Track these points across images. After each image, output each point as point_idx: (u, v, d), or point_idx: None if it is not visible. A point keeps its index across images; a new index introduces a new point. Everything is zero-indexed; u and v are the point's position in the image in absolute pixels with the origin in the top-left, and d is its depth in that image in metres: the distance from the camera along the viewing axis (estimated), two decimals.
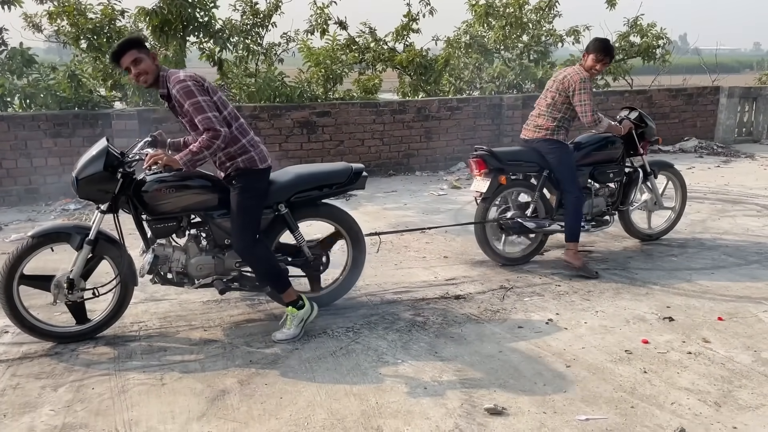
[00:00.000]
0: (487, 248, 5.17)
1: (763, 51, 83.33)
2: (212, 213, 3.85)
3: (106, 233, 3.76)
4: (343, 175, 4.12)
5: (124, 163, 3.64)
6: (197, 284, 3.89)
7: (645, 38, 11.48)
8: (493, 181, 5.02)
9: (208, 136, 3.49)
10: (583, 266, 4.93)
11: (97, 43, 8.39)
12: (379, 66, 10.66)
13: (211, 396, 3.17)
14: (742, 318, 4.09)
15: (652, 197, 5.74)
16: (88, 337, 3.79)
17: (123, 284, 3.78)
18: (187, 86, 3.50)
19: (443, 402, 3.11)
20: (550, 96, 5.03)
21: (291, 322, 3.82)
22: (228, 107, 3.71)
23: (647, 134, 5.54)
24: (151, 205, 3.68)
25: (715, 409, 3.04)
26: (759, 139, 11.71)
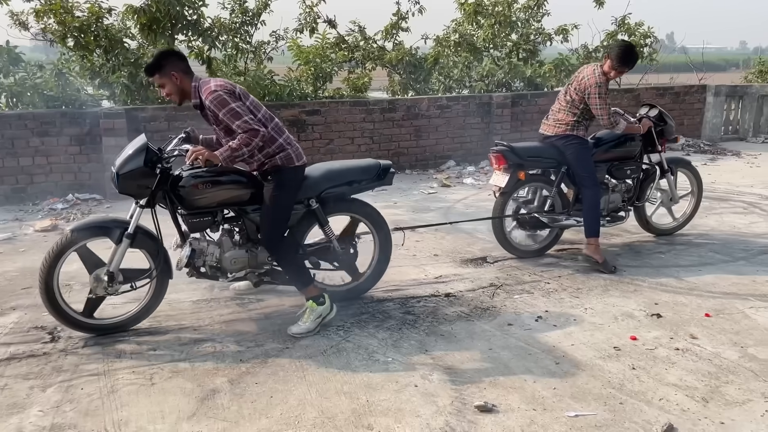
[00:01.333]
0: (504, 241, 5.27)
1: (749, 50, 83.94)
2: (246, 208, 3.94)
3: (144, 228, 3.82)
4: (372, 171, 4.23)
5: (162, 158, 3.72)
6: (231, 278, 4.01)
7: (632, 37, 11.53)
8: (512, 176, 5.10)
9: (247, 134, 3.58)
10: (604, 261, 4.99)
11: (84, 42, 8.31)
12: (368, 64, 10.65)
13: (201, 395, 3.17)
14: (729, 314, 4.13)
15: (668, 193, 5.81)
16: (123, 330, 3.86)
17: (159, 278, 3.85)
18: (219, 96, 3.59)
19: (434, 399, 3.12)
20: (569, 93, 5.07)
21: (309, 317, 3.86)
22: (261, 110, 3.83)
23: (666, 132, 5.60)
24: (189, 199, 3.78)
25: (702, 404, 3.08)
26: (745, 137, 11.82)
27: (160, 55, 3.69)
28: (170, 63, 3.65)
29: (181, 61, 3.71)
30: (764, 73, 13.28)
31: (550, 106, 5.32)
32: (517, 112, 9.82)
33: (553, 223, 5.25)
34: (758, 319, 4.04)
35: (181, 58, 3.74)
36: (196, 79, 3.73)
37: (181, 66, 3.68)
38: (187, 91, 3.72)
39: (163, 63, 3.65)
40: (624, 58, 4.88)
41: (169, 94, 3.73)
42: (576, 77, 5.07)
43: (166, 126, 7.58)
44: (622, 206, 5.50)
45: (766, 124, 11.77)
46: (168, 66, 3.65)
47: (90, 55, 8.48)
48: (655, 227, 5.88)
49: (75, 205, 7.15)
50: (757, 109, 11.79)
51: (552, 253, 5.39)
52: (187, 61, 3.77)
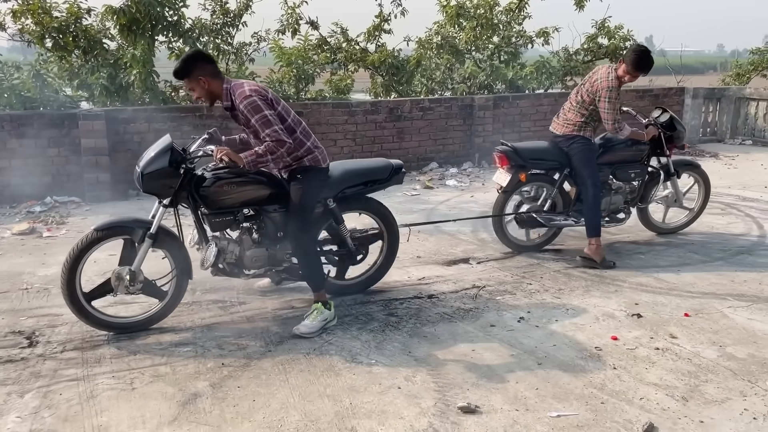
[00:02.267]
0: (503, 236, 5.40)
1: (726, 52, 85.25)
2: (267, 207, 4.01)
3: (166, 228, 3.88)
4: (386, 171, 4.38)
5: (186, 159, 3.78)
6: (251, 274, 4.08)
7: (612, 40, 11.65)
8: (514, 176, 5.20)
9: (274, 143, 3.65)
10: (602, 261, 5.06)
11: (62, 42, 8.21)
12: (351, 66, 10.64)
13: (182, 400, 3.14)
14: (708, 314, 4.18)
15: (673, 194, 5.89)
16: (143, 328, 3.88)
17: (179, 277, 3.88)
18: (254, 101, 3.65)
19: (417, 401, 3.12)
20: (581, 93, 5.11)
21: (316, 317, 3.89)
22: (291, 115, 3.90)
23: (675, 139, 5.66)
24: (212, 200, 3.84)
25: (682, 403, 3.11)
26: (723, 139, 11.99)
27: (187, 59, 3.71)
28: (197, 67, 3.69)
29: (207, 63, 3.73)
30: (741, 76, 13.49)
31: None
32: (499, 114, 9.87)
33: (549, 222, 5.33)
34: (736, 319, 4.09)
35: (207, 60, 3.76)
36: (227, 81, 3.77)
37: (208, 69, 3.71)
38: (218, 93, 3.76)
39: (189, 67, 3.68)
40: (640, 63, 4.87)
41: (199, 98, 3.78)
42: (589, 78, 5.09)
43: (146, 128, 7.51)
44: (623, 207, 5.56)
45: (743, 126, 11.95)
46: (195, 70, 3.68)
47: (68, 56, 8.38)
48: (657, 226, 5.96)
49: (53, 208, 7.05)
50: (734, 111, 11.97)
51: (534, 254, 5.43)
52: (214, 62, 3.80)
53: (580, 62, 11.65)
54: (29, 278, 4.84)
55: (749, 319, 4.09)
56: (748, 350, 3.66)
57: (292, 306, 4.31)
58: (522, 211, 5.42)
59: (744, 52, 17.22)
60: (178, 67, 3.70)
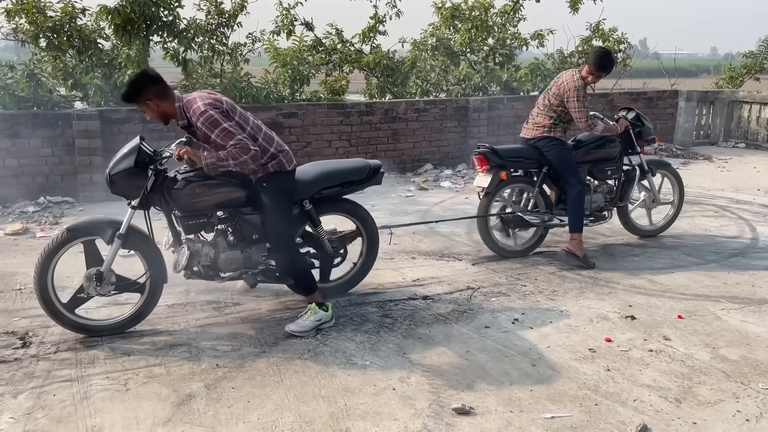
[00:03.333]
0: (489, 241, 5.38)
1: (719, 55, 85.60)
2: (242, 210, 3.98)
3: (137, 228, 3.85)
4: (363, 172, 4.32)
5: (155, 160, 3.74)
6: (226, 277, 4.02)
7: (607, 42, 11.69)
8: (495, 176, 5.21)
9: (238, 149, 3.61)
10: (584, 257, 5.13)
11: (57, 42, 8.15)
12: (346, 67, 10.63)
13: (176, 401, 3.13)
14: (701, 316, 4.20)
15: (650, 194, 5.95)
16: (118, 332, 3.84)
17: (153, 280, 3.85)
18: (210, 116, 3.59)
19: (411, 402, 3.12)
20: (548, 97, 5.25)
21: (310, 316, 3.89)
22: (250, 122, 3.84)
23: (644, 133, 5.78)
24: (185, 202, 3.81)
25: (675, 405, 3.12)
26: (716, 142, 12.04)
27: (131, 84, 3.63)
28: (144, 90, 3.61)
29: (154, 84, 3.62)
30: (734, 79, 13.54)
31: (527, 110, 5.41)
32: (494, 116, 9.89)
33: (538, 222, 5.34)
34: (729, 321, 4.11)
35: (153, 81, 3.63)
36: (179, 99, 3.70)
37: (154, 90, 3.62)
38: (171, 113, 3.71)
39: (135, 91, 3.61)
40: (601, 63, 5.07)
41: (152, 118, 3.75)
42: (555, 82, 5.26)
43: (140, 128, 7.48)
44: (605, 206, 5.61)
45: (736, 129, 12.02)
46: (142, 94, 3.62)
47: (63, 55, 8.33)
48: (638, 229, 5.98)
49: (47, 208, 7.02)
50: (727, 114, 12.03)
51: (529, 256, 5.44)
52: (161, 82, 3.67)
53: (575, 65, 11.67)
54: (23, 279, 4.82)
55: (742, 321, 4.12)
56: (740, 352, 3.68)
57: (287, 307, 4.31)
58: (507, 211, 5.43)
59: (737, 56, 17.33)
60: (124, 92, 3.65)
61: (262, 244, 4.04)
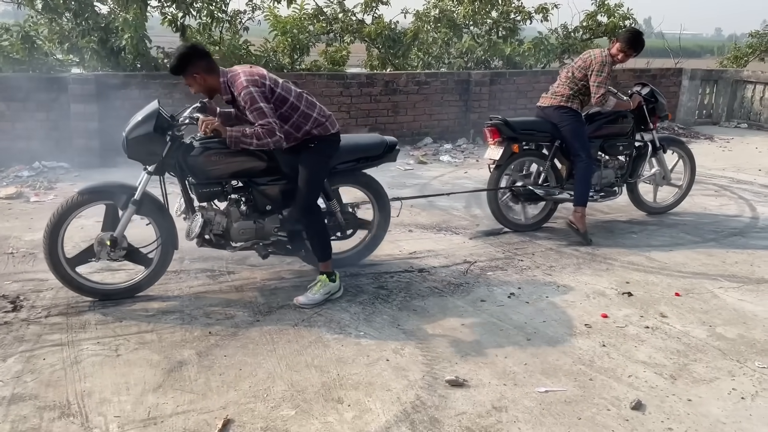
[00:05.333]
0: (499, 214, 5.33)
1: (724, 36, 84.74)
2: (256, 179, 3.94)
3: (151, 195, 3.81)
4: (380, 148, 4.33)
5: (173, 126, 3.72)
6: (238, 247, 4.00)
7: (612, 18, 11.51)
8: (506, 149, 5.15)
9: (265, 130, 3.59)
10: (585, 232, 5.11)
11: (53, 4, 8.01)
12: (347, 38, 10.48)
13: (167, 367, 3.10)
14: (698, 294, 4.17)
15: (661, 171, 5.91)
16: (126, 296, 3.84)
17: (164, 246, 3.83)
18: (250, 93, 3.58)
19: (405, 374, 3.10)
20: (571, 70, 5.24)
21: (319, 289, 3.87)
22: (292, 92, 3.82)
23: (658, 110, 5.70)
24: (200, 169, 3.77)
25: (670, 381, 3.10)
26: (718, 122, 11.94)
27: (180, 57, 3.63)
28: (192, 63, 3.62)
29: (202, 59, 3.64)
30: (739, 59, 13.39)
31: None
32: (496, 91, 9.77)
33: (547, 195, 5.30)
34: (727, 299, 4.09)
35: (202, 55, 3.65)
36: (224, 74, 3.69)
37: (202, 64, 3.63)
38: (216, 88, 3.70)
39: (183, 64, 3.61)
40: (634, 42, 5.12)
41: (197, 92, 3.72)
42: (581, 57, 5.26)
43: (137, 94, 7.37)
44: (615, 182, 5.56)
45: (739, 108, 11.90)
46: (190, 66, 3.61)
47: (59, 18, 8.18)
48: (647, 205, 5.94)
49: (41, 173, 6.95)
50: (731, 94, 11.91)
51: (526, 231, 5.39)
52: (209, 56, 3.70)
53: (579, 40, 11.52)
54: (15, 243, 4.77)
55: (740, 299, 4.09)
56: (737, 330, 3.66)
57: (282, 276, 4.27)
58: (518, 185, 5.38)
59: (742, 36, 17.09)
60: (173, 64, 3.65)
61: (275, 215, 4.03)
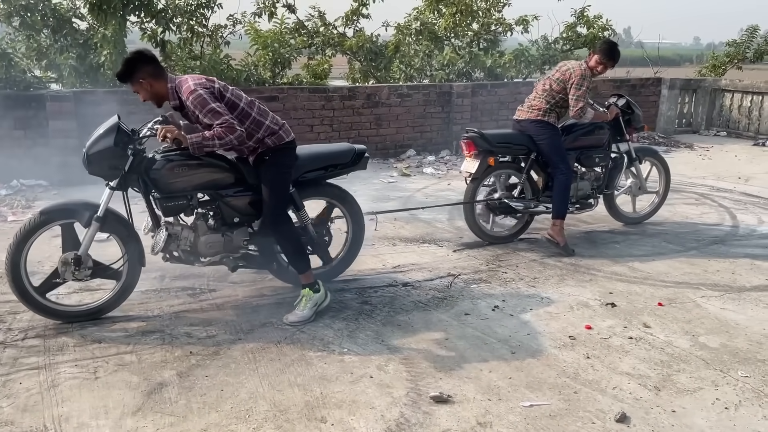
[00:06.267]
0: (475, 227, 5.32)
1: (702, 45, 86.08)
2: (222, 192, 3.87)
3: (115, 211, 3.73)
4: (348, 156, 4.25)
5: (134, 139, 3.65)
6: (206, 261, 3.92)
7: (591, 29, 11.62)
8: (482, 162, 5.15)
9: (224, 128, 3.52)
10: (565, 245, 5.11)
11: (30, 21, 7.93)
12: (328, 51, 10.48)
13: (147, 389, 3.05)
14: (681, 303, 4.18)
15: (637, 182, 5.93)
16: (93, 317, 3.74)
17: (130, 264, 3.74)
18: (199, 95, 3.52)
19: (389, 391, 3.07)
20: (548, 83, 5.23)
21: (306, 304, 3.81)
22: (242, 99, 3.77)
23: (634, 121, 5.75)
24: (163, 183, 3.70)
25: (655, 393, 3.10)
26: (698, 130, 12.07)
27: (126, 62, 3.57)
28: (138, 69, 3.55)
29: (149, 64, 3.58)
30: (717, 68, 13.57)
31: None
32: (478, 102, 9.81)
33: (524, 208, 5.29)
34: (709, 308, 4.10)
35: (148, 61, 3.59)
36: (171, 80, 3.64)
37: (149, 70, 3.57)
38: (163, 94, 3.64)
39: (130, 70, 3.55)
40: (611, 53, 5.16)
41: (145, 100, 3.66)
42: (558, 69, 5.25)
43: (117, 110, 7.21)
44: (591, 193, 5.58)
45: (718, 117, 12.05)
46: (136, 72, 3.55)
47: (37, 35, 8.11)
48: (624, 216, 5.96)
49: (19, 191, 6.85)
50: (709, 103, 12.06)
51: (509, 243, 5.39)
52: (156, 62, 3.64)
53: (559, 51, 11.61)
54: None
55: (722, 308, 4.11)
56: (720, 340, 3.67)
57: (263, 294, 4.23)
58: (494, 197, 5.37)
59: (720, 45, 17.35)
60: (119, 71, 3.59)
61: (244, 227, 3.97)
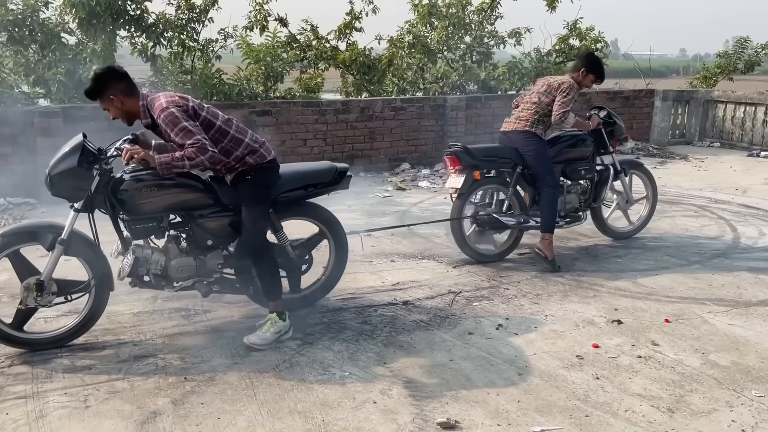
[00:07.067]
0: (464, 245, 5.15)
1: (688, 57, 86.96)
2: (194, 213, 3.70)
3: (81, 233, 3.54)
4: (329, 175, 4.09)
5: (100, 159, 3.46)
6: (177, 287, 3.75)
7: (584, 41, 11.64)
8: (468, 177, 5.02)
9: (195, 149, 3.38)
10: (552, 259, 5.00)
11: (18, 36, 7.82)
12: (321, 64, 10.40)
13: (140, 419, 2.90)
14: (688, 319, 4.09)
15: (624, 195, 5.83)
16: (58, 345, 3.57)
17: (97, 288, 3.57)
18: (171, 113, 3.38)
19: (394, 417, 2.95)
20: (536, 96, 5.16)
21: (269, 328, 3.65)
22: (219, 117, 3.63)
23: (616, 132, 5.65)
24: (131, 204, 3.53)
25: (668, 415, 2.99)
26: (691, 141, 12.07)
27: (96, 78, 3.42)
28: (108, 85, 3.41)
29: (120, 81, 3.44)
30: (708, 79, 13.61)
31: (505, 109, 5.30)
32: (472, 115, 9.76)
33: (514, 224, 5.17)
34: (717, 324, 4.01)
35: (119, 77, 3.45)
36: (143, 97, 3.50)
37: (120, 87, 3.43)
38: (134, 111, 3.50)
39: (99, 86, 3.40)
40: (598, 66, 5.16)
41: (115, 117, 3.50)
42: (545, 81, 5.20)
43: (106, 126, 7.11)
44: (579, 207, 5.49)
45: (711, 128, 12.06)
46: (107, 89, 3.41)
47: (25, 50, 8.00)
48: (612, 231, 5.85)
49: (6, 210, 6.70)
50: (702, 114, 12.07)
51: (510, 258, 5.30)
52: (127, 78, 3.49)
53: (552, 63, 11.61)
54: None
55: (730, 324, 4.02)
56: (731, 357, 3.57)
57: (260, 314, 4.07)
58: (482, 213, 5.23)
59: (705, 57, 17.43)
60: (88, 87, 3.44)
61: (218, 250, 3.80)
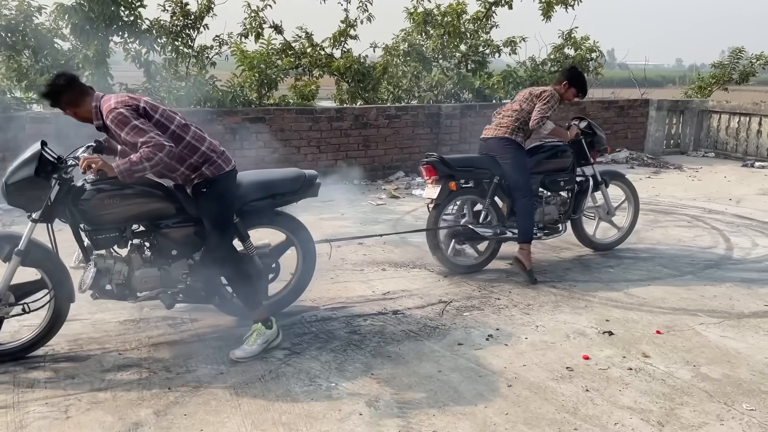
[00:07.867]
0: (440, 255, 5.08)
1: (684, 67, 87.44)
2: (159, 223, 3.63)
3: (39, 243, 3.45)
4: (297, 183, 4.02)
5: (60, 168, 3.37)
6: (141, 297, 3.67)
7: (579, 51, 11.68)
8: (444, 187, 4.95)
9: (150, 148, 3.27)
10: (530, 270, 4.94)
11: (10, 41, 7.79)
12: (316, 72, 10.39)
13: (122, 430, 2.86)
14: (680, 331, 4.06)
15: (604, 206, 5.78)
16: (15, 357, 3.46)
17: (57, 299, 3.47)
18: (119, 114, 3.29)
19: (379, 429, 2.90)
20: (518, 104, 5.14)
21: (256, 340, 3.58)
22: (174, 121, 3.52)
23: (596, 143, 5.60)
24: (93, 215, 3.45)
25: (658, 429, 2.95)
26: (686, 151, 12.09)
27: (48, 87, 3.36)
28: (63, 91, 3.34)
29: (68, 85, 3.35)
30: (703, 89, 13.64)
31: None
32: (466, 123, 9.75)
33: (491, 235, 5.10)
34: (709, 336, 3.98)
35: (68, 81, 3.37)
36: (96, 98, 3.41)
37: (67, 96, 3.35)
38: (89, 116, 3.41)
39: (54, 95, 3.34)
40: (580, 80, 5.16)
41: (75, 118, 3.43)
42: (528, 90, 5.19)
43: (97, 132, 7.13)
44: (559, 218, 5.42)
45: (706, 138, 12.08)
46: (62, 96, 3.34)
47: (18, 55, 7.95)
48: (592, 242, 5.79)
49: None
50: (697, 124, 12.09)
51: (501, 268, 5.26)
52: (76, 81, 3.40)
53: (547, 72, 11.62)
54: None
55: (722, 336, 3.98)
56: (722, 370, 3.54)
57: (248, 323, 4.04)
58: (458, 223, 5.17)
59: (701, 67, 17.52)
60: (47, 97, 3.38)
61: (183, 260, 3.72)
